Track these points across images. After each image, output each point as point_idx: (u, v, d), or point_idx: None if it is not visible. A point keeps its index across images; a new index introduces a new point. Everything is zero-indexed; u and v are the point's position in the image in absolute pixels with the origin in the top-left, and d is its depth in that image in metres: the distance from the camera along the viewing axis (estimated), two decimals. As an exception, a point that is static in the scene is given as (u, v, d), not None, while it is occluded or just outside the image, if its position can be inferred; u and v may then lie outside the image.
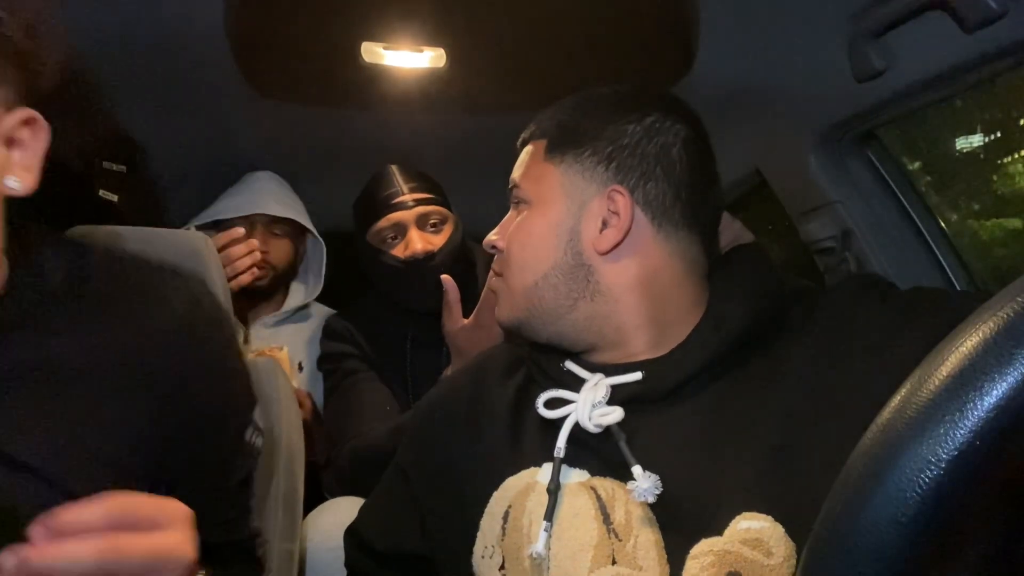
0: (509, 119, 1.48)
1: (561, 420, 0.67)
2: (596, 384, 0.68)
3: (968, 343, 0.26)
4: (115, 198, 1.43)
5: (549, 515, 0.64)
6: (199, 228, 1.60)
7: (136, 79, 1.21)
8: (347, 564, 0.85)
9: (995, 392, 0.24)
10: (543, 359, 0.74)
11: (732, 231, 1.00)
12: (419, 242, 1.27)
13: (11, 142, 0.55)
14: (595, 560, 0.62)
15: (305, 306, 1.67)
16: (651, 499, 0.60)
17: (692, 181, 0.71)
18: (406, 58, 1.21)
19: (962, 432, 0.25)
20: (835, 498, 0.28)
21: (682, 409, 0.65)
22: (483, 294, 1.05)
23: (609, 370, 0.69)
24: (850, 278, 0.76)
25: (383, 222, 1.30)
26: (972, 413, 0.25)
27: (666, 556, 0.61)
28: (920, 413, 0.26)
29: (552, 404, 0.69)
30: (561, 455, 0.66)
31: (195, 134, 1.51)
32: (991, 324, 0.25)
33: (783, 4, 1.04)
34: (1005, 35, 0.81)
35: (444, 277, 1.10)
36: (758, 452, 0.61)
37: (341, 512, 1.10)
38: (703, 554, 0.59)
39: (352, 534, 0.85)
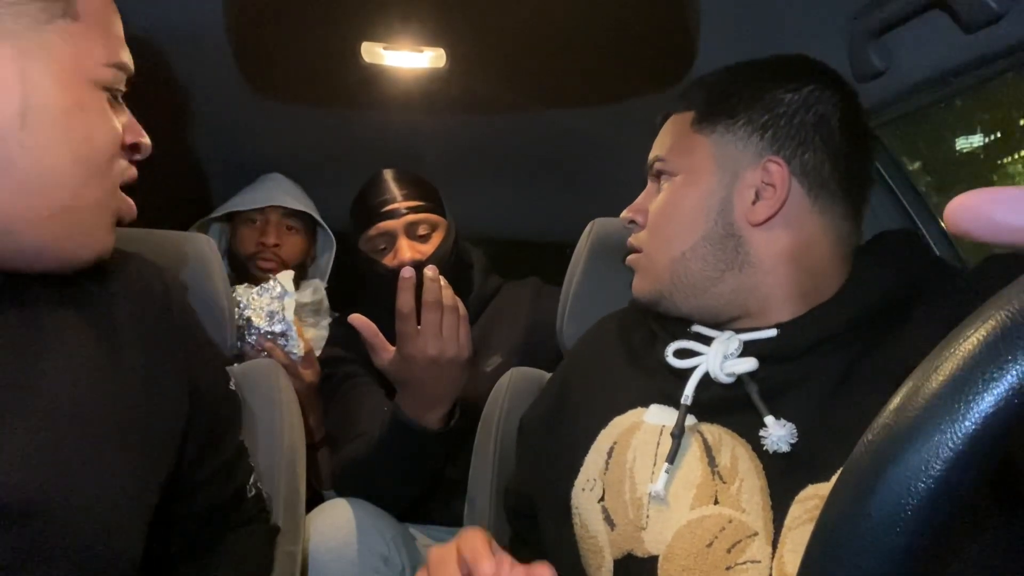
0: (509, 119, 1.50)
1: (687, 371, 0.68)
2: (728, 339, 0.68)
3: (965, 347, 0.26)
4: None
5: (672, 458, 0.65)
6: (214, 221, 1.62)
7: (134, 80, 1.20)
8: (515, 530, 0.89)
9: (991, 396, 0.24)
10: (668, 321, 0.74)
11: None
12: (407, 251, 1.28)
13: None
14: (697, 498, 0.63)
15: None
16: (785, 448, 0.60)
17: (850, 153, 0.69)
18: (406, 58, 1.21)
19: (959, 436, 0.25)
20: (834, 501, 0.28)
21: (812, 368, 0.64)
22: (397, 328, 1.00)
23: (740, 331, 0.69)
24: (992, 258, 0.72)
25: (373, 231, 1.30)
26: (969, 417, 0.25)
27: (771, 502, 0.61)
28: (917, 417, 0.26)
29: (679, 356, 0.70)
30: (688, 402, 0.66)
31: (194, 135, 1.51)
32: (987, 328, 0.25)
33: (783, 4, 1.04)
34: (1005, 35, 0.81)
35: (352, 317, 1.03)
36: (876, 410, 0.60)
37: (341, 512, 1.10)
38: (808, 498, 0.59)
39: (505, 509, 0.90)
